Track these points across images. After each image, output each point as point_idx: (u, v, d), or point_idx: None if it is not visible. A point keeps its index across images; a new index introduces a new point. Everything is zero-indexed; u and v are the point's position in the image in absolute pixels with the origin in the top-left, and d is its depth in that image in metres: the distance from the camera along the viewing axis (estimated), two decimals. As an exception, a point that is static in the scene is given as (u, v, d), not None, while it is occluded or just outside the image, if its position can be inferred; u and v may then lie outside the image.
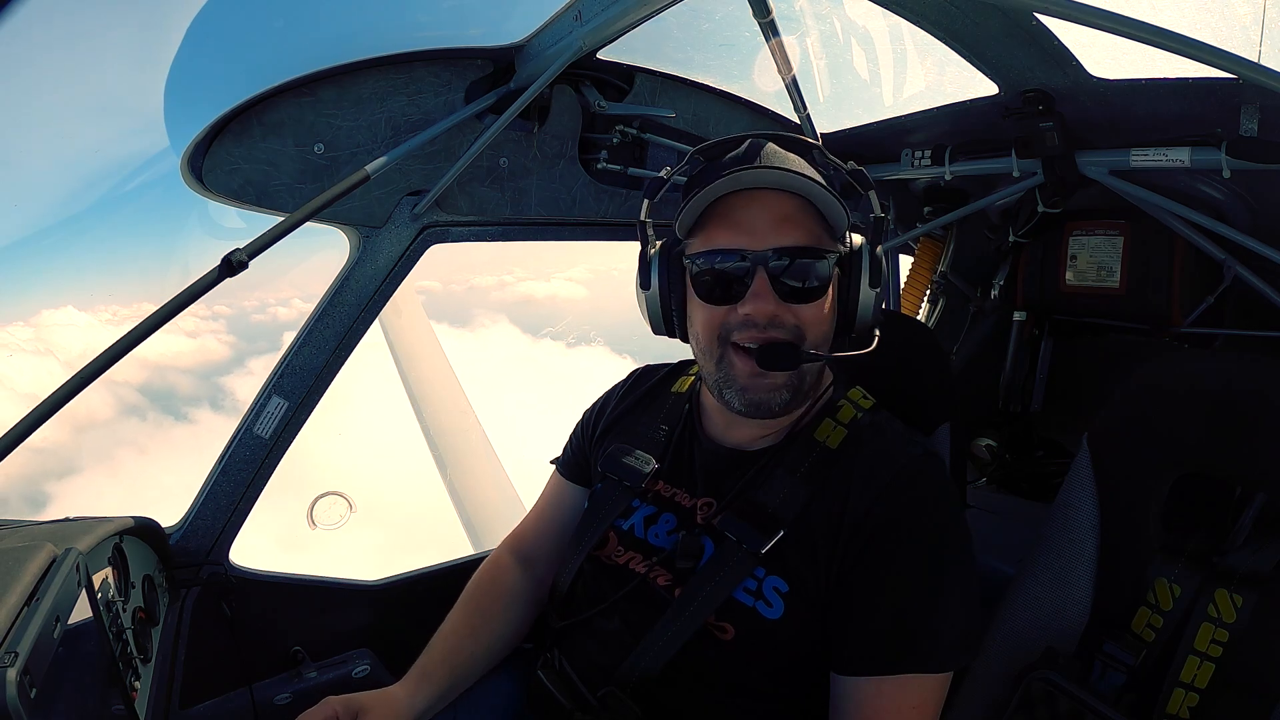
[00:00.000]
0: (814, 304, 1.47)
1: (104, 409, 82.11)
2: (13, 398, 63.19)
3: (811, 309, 1.47)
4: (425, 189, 2.25)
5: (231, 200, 2.02)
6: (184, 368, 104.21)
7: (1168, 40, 1.24)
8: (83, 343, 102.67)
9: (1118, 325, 2.84)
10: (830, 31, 2.52)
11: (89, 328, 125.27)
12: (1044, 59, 1.99)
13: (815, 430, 1.58)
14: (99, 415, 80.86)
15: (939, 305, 3.40)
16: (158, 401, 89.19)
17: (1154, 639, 1.56)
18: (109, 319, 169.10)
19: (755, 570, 1.47)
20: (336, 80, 2.08)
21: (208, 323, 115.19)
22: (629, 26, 1.93)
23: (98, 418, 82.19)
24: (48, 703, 1.07)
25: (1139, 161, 2.13)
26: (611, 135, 2.53)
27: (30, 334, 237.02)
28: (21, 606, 1.10)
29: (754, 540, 1.46)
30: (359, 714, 1.52)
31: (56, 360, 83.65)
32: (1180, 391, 1.69)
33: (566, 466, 1.94)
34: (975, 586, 1.43)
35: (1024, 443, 3.09)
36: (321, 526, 2.47)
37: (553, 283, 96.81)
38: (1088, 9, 1.26)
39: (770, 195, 1.46)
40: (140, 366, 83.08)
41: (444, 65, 2.19)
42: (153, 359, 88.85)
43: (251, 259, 1.71)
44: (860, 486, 1.46)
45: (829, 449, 1.54)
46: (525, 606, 1.86)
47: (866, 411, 1.61)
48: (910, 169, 2.67)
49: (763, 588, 1.46)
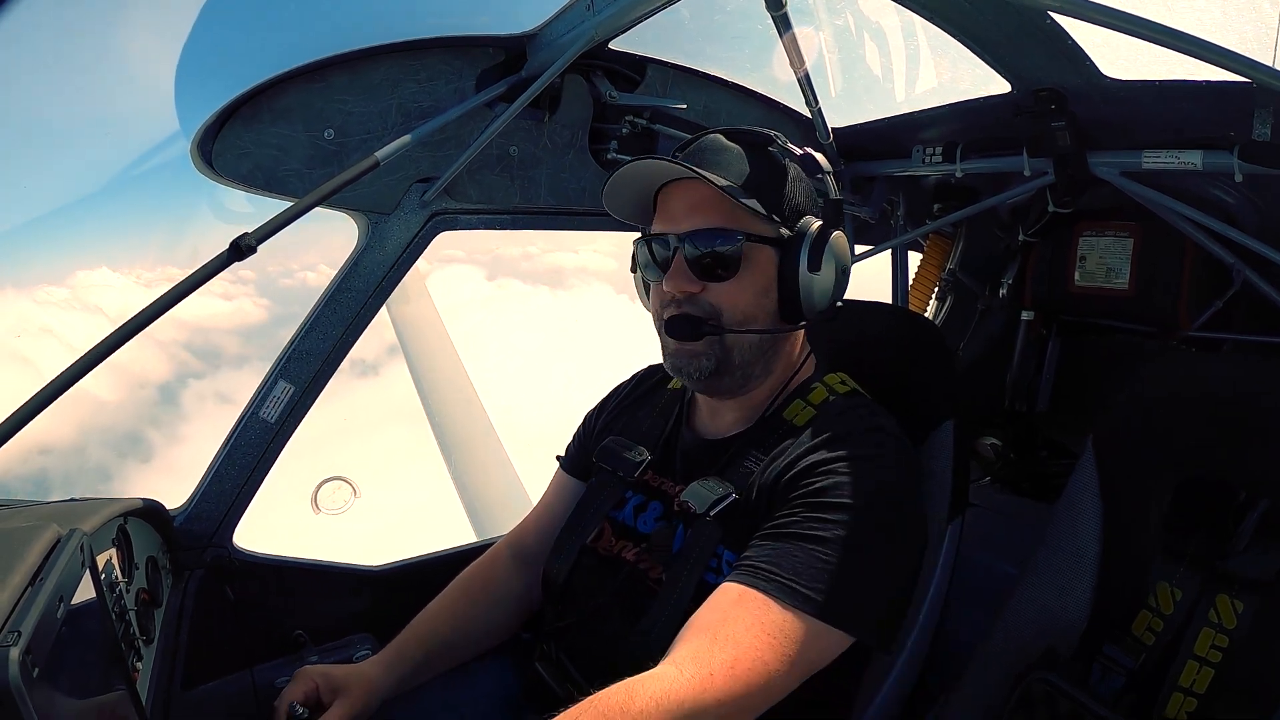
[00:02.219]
0: (727, 283, 1.55)
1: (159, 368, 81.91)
2: (63, 348, 63.66)
3: (725, 287, 1.55)
4: (435, 176, 2.24)
5: (241, 185, 2.03)
6: (226, 329, 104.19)
7: (1182, 42, 1.23)
8: (121, 302, 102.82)
9: (1125, 327, 2.83)
10: (844, 26, 2.51)
11: (125, 289, 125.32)
12: (1057, 58, 1.98)
13: (785, 410, 1.61)
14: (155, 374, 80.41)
15: (947, 302, 3.39)
16: (208, 359, 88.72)
17: (1154, 642, 1.56)
18: (135, 281, 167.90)
19: (716, 549, 1.50)
20: (347, 66, 2.08)
21: (237, 286, 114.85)
22: (641, 17, 1.92)
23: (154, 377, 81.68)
24: (50, 682, 1.08)
25: (1150, 163, 2.11)
26: (622, 126, 2.52)
27: (66, 294, 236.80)
28: (25, 586, 1.11)
29: (704, 503, 1.52)
30: (337, 688, 1.59)
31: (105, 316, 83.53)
32: (1186, 395, 1.68)
33: (571, 463, 1.97)
34: (881, 567, 1.40)
35: (1028, 442, 3.09)
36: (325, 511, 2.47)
37: (581, 254, 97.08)
38: (1102, 9, 1.25)
39: (690, 184, 1.57)
40: (179, 327, 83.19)
41: (455, 53, 2.18)
42: (191, 320, 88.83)
43: (260, 243, 1.72)
44: (801, 444, 1.49)
45: (795, 425, 1.56)
46: (515, 603, 1.88)
47: (840, 396, 1.62)
48: (921, 165, 2.66)
49: (722, 564, 1.49)
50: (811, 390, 1.63)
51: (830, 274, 1.56)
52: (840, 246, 1.58)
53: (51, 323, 53.83)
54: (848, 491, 1.39)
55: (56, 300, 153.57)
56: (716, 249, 1.53)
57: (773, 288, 1.57)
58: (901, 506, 1.45)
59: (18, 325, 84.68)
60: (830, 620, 1.32)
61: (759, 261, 1.55)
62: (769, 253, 1.56)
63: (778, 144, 1.60)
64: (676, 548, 1.58)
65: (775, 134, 1.59)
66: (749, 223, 1.55)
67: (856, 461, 1.42)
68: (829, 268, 1.56)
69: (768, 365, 1.63)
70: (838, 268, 1.58)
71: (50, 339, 60.33)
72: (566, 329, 21.30)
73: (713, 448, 1.66)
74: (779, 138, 1.59)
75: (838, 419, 1.53)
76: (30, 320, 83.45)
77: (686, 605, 1.46)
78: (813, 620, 1.32)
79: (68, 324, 59.50)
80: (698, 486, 1.56)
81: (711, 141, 1.61)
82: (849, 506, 1.38)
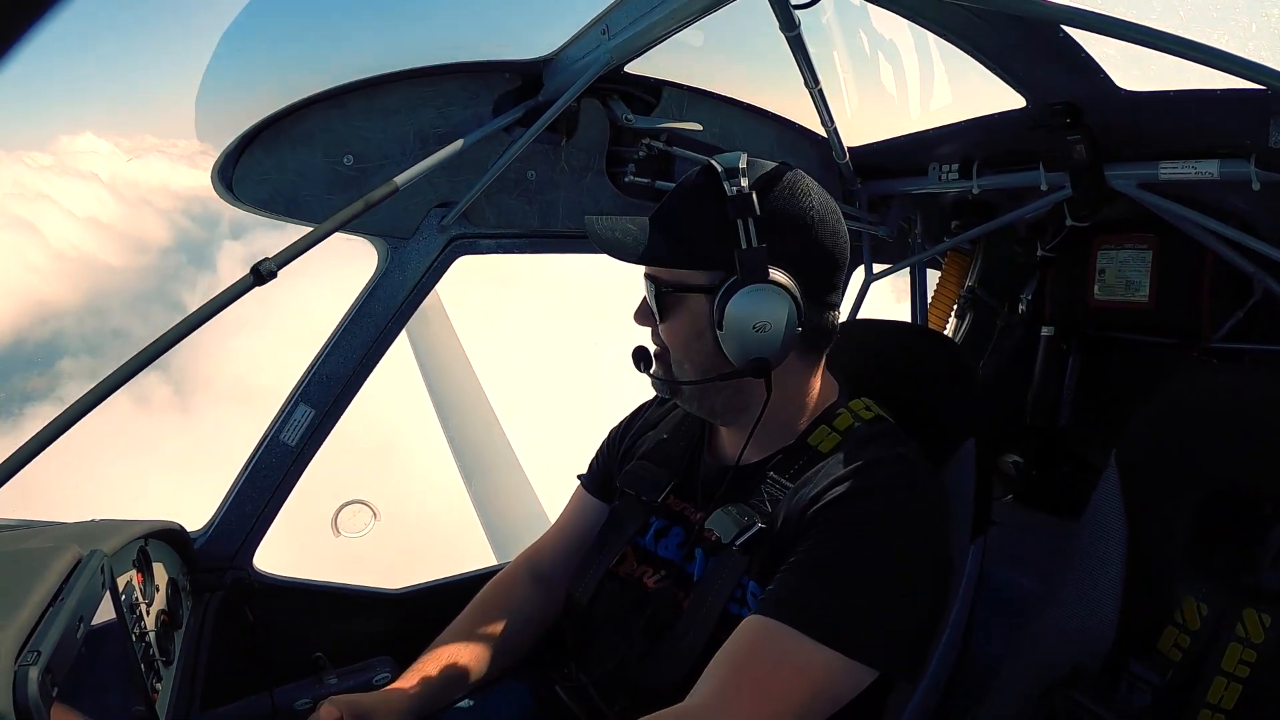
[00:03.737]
0: (664, 324, 1.60)
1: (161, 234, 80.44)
2: (63, 214, 63.35)
3: (663, 326, 1.60)
4: (453, 201, 2.26)
5: (261, 210, 2.05)
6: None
7: (1196, 52, 1.23)
8: (109, 170, 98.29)
9: (1146, 340, 2.80)
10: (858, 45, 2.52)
11: (111, 156, 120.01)
12: (1071, 71, 1.98)
13: (810, 436, 1.59)
14: (158, 240, 78.96)
15: (966, 320, 3.37)
16: (208, 225, 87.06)
17: (1181, 659, 1.54)
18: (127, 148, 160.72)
19: (741, 579, 1.49)
20: (366, 92, 2.11)
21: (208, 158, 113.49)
22: (656, 40, 1.93)
23: (157, 242, 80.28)
24: (69, 702, 1.08)
25: (1167, 174, 2.10)
26: (638, 149, 2.53)
27: (51, 160, 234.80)
28: (46, 606, 1.12)
29: (729, 533, 1.50)
30: (362, 717, 1.56)
31: (100, 181, 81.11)
32: (1209, 408, 1.67)
33: (592, 482, 1.96)
34: (906, 599, 1.38)
35: (1050, 459, 3.05)
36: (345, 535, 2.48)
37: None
38: (1115, 21, 1.26)
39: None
40: (175, 198, 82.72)
41: (472, 78, 2.21)
42: (186, 191, 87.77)
43: (280, 269, 1.74)
44: (828, 474, 1.47)
45: (820, 452, 1.55)
46: (533, 622, 1.87)
47: (865, 422, 1.60)
48: (938, 183, 2.66)
49: (746, 595, 1.48)
50: (837, 416, 1.61)
51: (737, 330, 1.48)
52: (743, 306, 1.47)
53: (47, 189, 53.65)
54: (873, 524, 1.38)
55: (48, 166, 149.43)
56: (656, 291, 1.57)
57: (706, 333, 1.54)
58: (926, 537, 1.43)
59: (14, 189, 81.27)
60: (857, 656, 1.32)
61: (689, 306, 1.55)
62: (700, 300, 1.54)
63: (718, 186, 1.51)
64: (697, 575, 1.58)
65: (721, 169, 1.51)
66: (676, 271, 1.56)
67: (881, 493, 1.41)
68: (734, 324, 1.48)
69: (741, 400, 1.60)
70: (744, 325, 1.47)
71: (48, 204, 60.43)
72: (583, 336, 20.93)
73: (732, 473, 1.63)
74: (726, 176, 1.50)
75: (862, 448, 1.52)
76: (25, 186, 79.58)
77: (709, 635, 1.46)
78: (839, 656, 1.31)
79: (63, 190, 59.19)
80: (722, 515, 1.54)
81: (675, 190, 1.63)
82: (874, 539, 1.37)
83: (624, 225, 1.57)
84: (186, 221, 74.09)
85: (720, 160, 1.52)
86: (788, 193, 1.52)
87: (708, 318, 1.52)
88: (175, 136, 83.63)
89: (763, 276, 1.47)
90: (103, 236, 44.97)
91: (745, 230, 1.46)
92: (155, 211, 79.57)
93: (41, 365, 38.38)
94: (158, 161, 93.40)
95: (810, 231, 1.52)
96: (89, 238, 53.29)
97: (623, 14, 1.88)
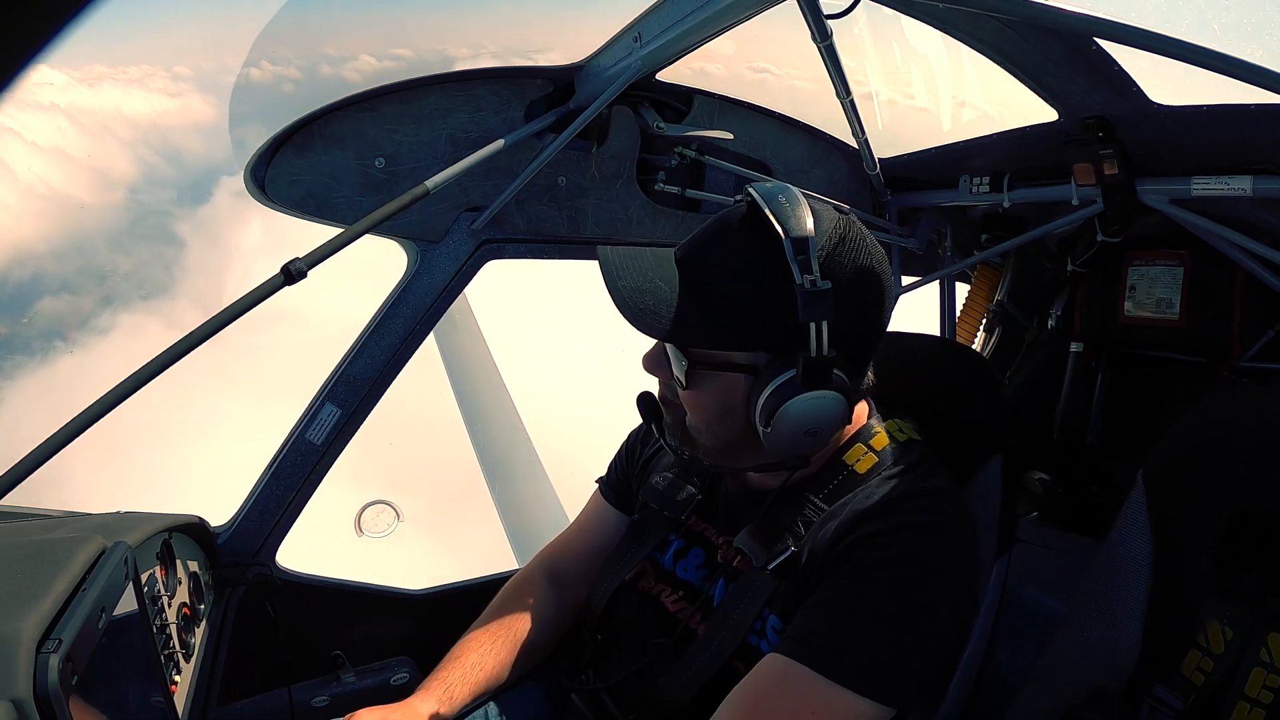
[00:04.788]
0: (688, 392, 1.45)
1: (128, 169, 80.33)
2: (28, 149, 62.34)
3: (687, 396, 1.46)
4: (483, 205, 2.28)
5: (293, 211, 2.08)
6: (181, 127, 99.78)
7: (1230, 66, 1.21)
8: (69, 100, 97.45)
9: (1176, 358, 2.77)
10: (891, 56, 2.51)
11: (67, 87, 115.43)
12: (1104, 85, 1.96)
13: (846, 454, 1.53)
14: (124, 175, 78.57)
15: (995, 334, 3.34)
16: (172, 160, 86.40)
17: (1204, 682, 1.51)
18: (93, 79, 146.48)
19: (762, 610, 1.45)
20: (399, 96, 2.13)
21: (178, 84, 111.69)
22: (688, 48, 1.94)
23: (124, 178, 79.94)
24: (88, 690, 1.10)
25: (1200, 190, 2.07)
26: (670, 157, 2.54)
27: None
28: (69, 596, 1.13)
29: (760, 556, 1.45)
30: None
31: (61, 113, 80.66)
32: (1238, 428, 1.64)
33: (610, 488, 1.94)
34: (929, 639, 1.33)
35: (1077, 477, 3.02)
36: (368, 534, 2.50)
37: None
38: (1149, 34, 1.24)
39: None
40: (133, 127, 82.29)
41: (505, 84, 2.22)
42: (144, 120, 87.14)
43: (310, 269, 1.76)
44: (857, 507, 1.42)
45: (856, 473, 1.50)
46: (550, 624, 1.85)
47: (901, 445, 1.54)
48: (968, 195, 2.64)
49: (766, 627, 1.44)
50: (874, 436, 1.55)
51: (787, 433, 1.38)
52: (799, 411, 1.35)
53: (10, 123, 52.41)
54: (899, 562, 1.34)
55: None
56: (686, 363, 1.42)
57: (738, 409, 1.42)
58: (953, 576, 1.39)
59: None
60: (876, 697, 1.29)
61: (723, 382, 1.42)
62: (736, 378, 1.41)
63: (780, 261, 1.32)
64: (717, 600, 1.54)
65: (785, 238, 1.31)
66: (703, 342, 1.41)
67: (909, 530, 1.37)
68: (785, 427, 1.37)
69: (766, 458, 1.51)
70: (794, 428, 1.37)
71: (13, 138, 59.84)
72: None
73: (756, 499, 1.59)
74: (794, 251, 1.31)
75: (896, 479, 1.46)
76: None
77: (724, 662, 1.45)
78: (858, 698, 1.28)
79: (26, 124, 57.94)
80: (749, 537, 1.49)
81: (700, 236, 1.46)
82: (899, 578, 1.33)
83: (649, 280, 1.39)
84: (153, 155, 74.00)
85: (777, 214, 1.33)
86: (849, 267, 1.37)
87: (743, 399, 1.41)
88: (123, 64, 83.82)
89: (826, 381, 1.35)
90: (70, 170, 45.47)
91: (818, 335, 1.32)
92: (120, 142, 79.40)
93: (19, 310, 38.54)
94: (111, 88, 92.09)
95: (865, 302, 1.41)
96: (57, 172, 53.43)
97: (655, 22, 1.88)
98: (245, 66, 48.45)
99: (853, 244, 1.38)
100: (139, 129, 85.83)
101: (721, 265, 1.40)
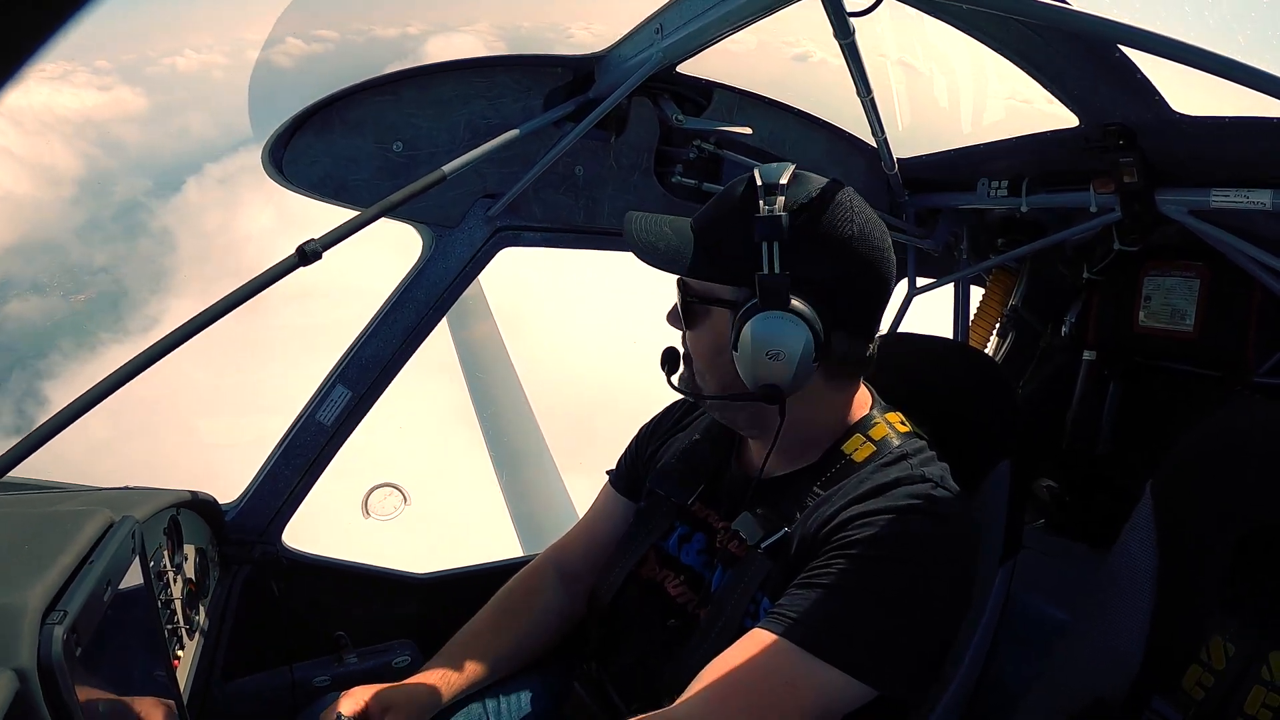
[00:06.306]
0: (690, 333, 1.58)
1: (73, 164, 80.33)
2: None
3: (689, 337, 1.59)
4: (500, 192, 2.28)
5: (310, 193, 2.08)
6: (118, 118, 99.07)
7: (1254, 78, 1.20)
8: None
9: (1189, 370, 2.74)
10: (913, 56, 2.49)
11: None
12: (1127, 93, 1.94)
13: (844, 443, 1.56)
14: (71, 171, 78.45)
15: (1008, 339, 3.32)
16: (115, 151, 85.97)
17: (1203, 697, 1.50)
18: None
19: (755, 594, 1.48)
20: (419, 81, 2.13)
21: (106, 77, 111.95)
22: (709, 41, 1.93)
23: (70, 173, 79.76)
24: (92, 662, 1.11)
25: (1219, 202, 2.04)
26: (688, 150, 2.53)
27: None
28: (75, 568, 1.14)
29: (754, 536, 1.50)
30: (387, 709, 1.58)
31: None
32: (1249, 443, 1.62)
33: (620, 480, 1.95)
34: (916, 620, 1.36)
35: (1086, 486, 3.00)
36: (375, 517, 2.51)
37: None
38: (1174, 43, 1.23)
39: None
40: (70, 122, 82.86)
41: (524, 72, 2.22)
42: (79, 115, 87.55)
43: (326, 250, 1.76)
44: (849, 492, 1.46)
45: (854, 461, 1.53)
46: (557, 617, 1.87)
47: (901, 436, 1.56)
48: (986, 199, 2.62)
49: (759, 610, 1.46)
50: (873, 426, 1.58)
51: (749, 354, 1.44)
52: (757, 331, 1.43)
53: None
54: (884, 542, 1.36)
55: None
56: (684, 299, 1.56)
57: (727, 350, 1.49)
58: (942, 560, 1.40)
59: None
60: (854, 673, 1.30)
61: (714, 320, 1.53)
62: (724, 315, 1.51)
63: (755, 201, 1.46)
64: (715, 587, 1.57)
65: (760, 183, 1.46)
66: (705, 282, 1.53)
67: (897, 513, 1.39)
68: (747, 348, 1.44)
69: (763, 418, 1.55)
70: (756, 350, 1.43)
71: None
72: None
73: (759, 485, 1.61)
74: (764, 192, 1.45)
75: (890, 466, 1.49)
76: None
77: (723, 647, 1.44)
78: (835, 672, 1.30)
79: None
80: (749, 518, 1.54)
81: (718, 197, 1.58)
82: (886, 559, 1.35)
83: (660, 229, 1.54)
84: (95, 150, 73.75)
85: (763, 172, 1.47)
86: (828, 216, 1.45)
87: (730, 335, 1.49)
88: (39, 62, 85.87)
89: (782, 304, 1.42)
90: (21, 174, 45.88)
91: (769, 254, 1.42)
92: (61, 139, 79.60)
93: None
94: (38, 86, 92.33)
95: (846, 260, 1.46)
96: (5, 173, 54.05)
97: (677, 13, 1.87)
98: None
99: (836, 203, 1.47)
100: (71, 124, 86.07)
101: (714, 211, 1.55)
